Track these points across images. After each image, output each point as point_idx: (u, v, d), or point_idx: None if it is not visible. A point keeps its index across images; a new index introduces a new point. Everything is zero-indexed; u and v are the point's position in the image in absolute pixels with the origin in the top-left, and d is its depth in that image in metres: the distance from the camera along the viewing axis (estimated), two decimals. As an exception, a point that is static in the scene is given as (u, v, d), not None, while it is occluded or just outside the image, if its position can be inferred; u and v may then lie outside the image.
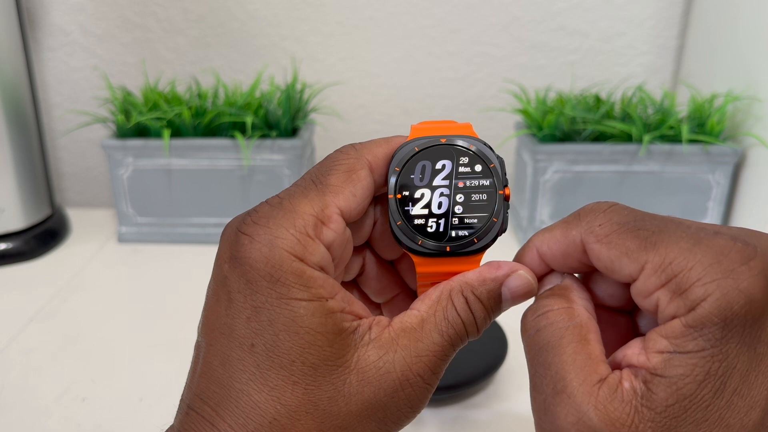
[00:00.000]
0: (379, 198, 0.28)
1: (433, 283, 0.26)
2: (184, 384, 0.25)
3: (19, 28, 0.66)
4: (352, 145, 0.26)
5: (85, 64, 0.81)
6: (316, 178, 0.25)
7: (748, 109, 0.64)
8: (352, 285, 0.30)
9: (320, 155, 0.76)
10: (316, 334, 0.23)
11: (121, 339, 0.54)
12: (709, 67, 0.72)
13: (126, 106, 0.68)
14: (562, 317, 0.24)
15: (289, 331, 0.22)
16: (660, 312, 0.22)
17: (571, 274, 0.26)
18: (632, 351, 0.22)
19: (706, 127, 0.64)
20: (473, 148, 0.26)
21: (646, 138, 0.63)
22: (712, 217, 0.66)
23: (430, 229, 0.26)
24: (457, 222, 0.26)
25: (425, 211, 0.26)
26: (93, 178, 0.87)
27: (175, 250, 0.70)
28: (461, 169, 0.26)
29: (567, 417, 0.22)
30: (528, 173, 0.67)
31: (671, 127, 0.65)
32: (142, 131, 0.68)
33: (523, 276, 0.25)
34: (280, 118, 0.67)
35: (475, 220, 0.26)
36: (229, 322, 0.23)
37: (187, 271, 0.65)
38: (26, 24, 0.68)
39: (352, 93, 0.82)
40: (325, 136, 0.81)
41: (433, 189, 0.26)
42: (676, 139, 0.64)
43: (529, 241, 0.26)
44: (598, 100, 0.69)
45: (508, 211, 0.27)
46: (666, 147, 0.64)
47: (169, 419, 0.24)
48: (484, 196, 0.26)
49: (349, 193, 0.25)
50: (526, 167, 0.68)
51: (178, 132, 0.67)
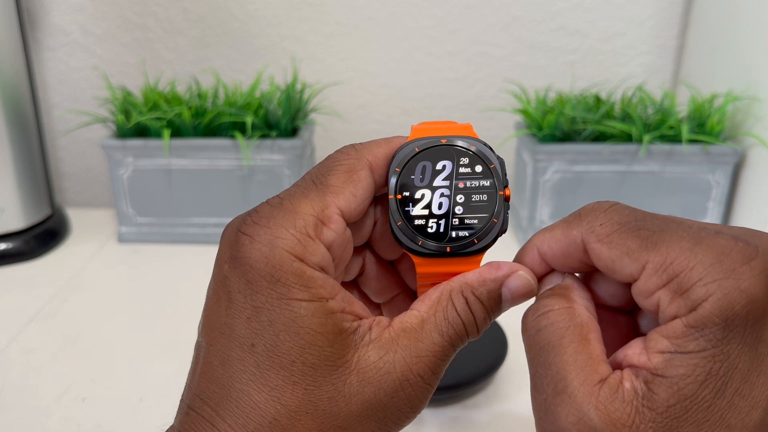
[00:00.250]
0: (379, 198, 0.28)
1: (434, 284, 0.26)
2: (184, 384, 0.25)
3: (19, 28, 0.66)
4: (353, 146, 0.26)
5: (85, 64, 0.81)
6: (317, 178, 0.25)
7: (748, 109, 0.64)
8: (352, 285, 0.30)
9: (320, 155, 0.76)
10: (317, 334, 0.23)
11: (121, 339, 0.54)
12: (709, 67, 0.72)
13: (126, 106, 0.68)
14: (563, 317, 0.24)
15: (290, 331, 0.22)
16: (661, 312, 0.22)
17: (572, 274, 0.26)
18: (633, 351, 0.22)
19: (706, 127, 0.64)
20: (473, 149, 0.26)
21: (646, 138, 0.63)
22: (712, 217, 0.66)
23: (430, 230, 0.26)
24: (457, 222, 0.26)
25: (425, 212, 0.26)
26: (93, 178, 0.87)
27: (175, 250, 0.70)
28: (461, 170, 0.26)
29: (568, 417, 0.22)
30: (528, 173, 0.67)
31: (671, 127, 0.65)
32: (142, 131, 0.68)
33: (523, 276, 0.25)
34: (280, 118, 0.67)
35: (476, 221, 0.26)
36: (230, 322, 0.23)
37: (187, 271, 0.65)
38: (26, 24, 0.68)
39: (352, 93, 0.82)
40: (325, 136, 0.81)
41: (434, 189, 0.26)
42: (676, 139, 0.64)
43: (529, 241, 0.26)
44: (598, 100, 0.69)
45: (509, 211, 0.26)
46: (666, 147, 0.64)
47: (169, 419, 0.24)
48: (485, 197, 0.26)
49: (350, 194, 0.25)
50: (526, 167, 0.68)
51: (178, 132, 0.67)
